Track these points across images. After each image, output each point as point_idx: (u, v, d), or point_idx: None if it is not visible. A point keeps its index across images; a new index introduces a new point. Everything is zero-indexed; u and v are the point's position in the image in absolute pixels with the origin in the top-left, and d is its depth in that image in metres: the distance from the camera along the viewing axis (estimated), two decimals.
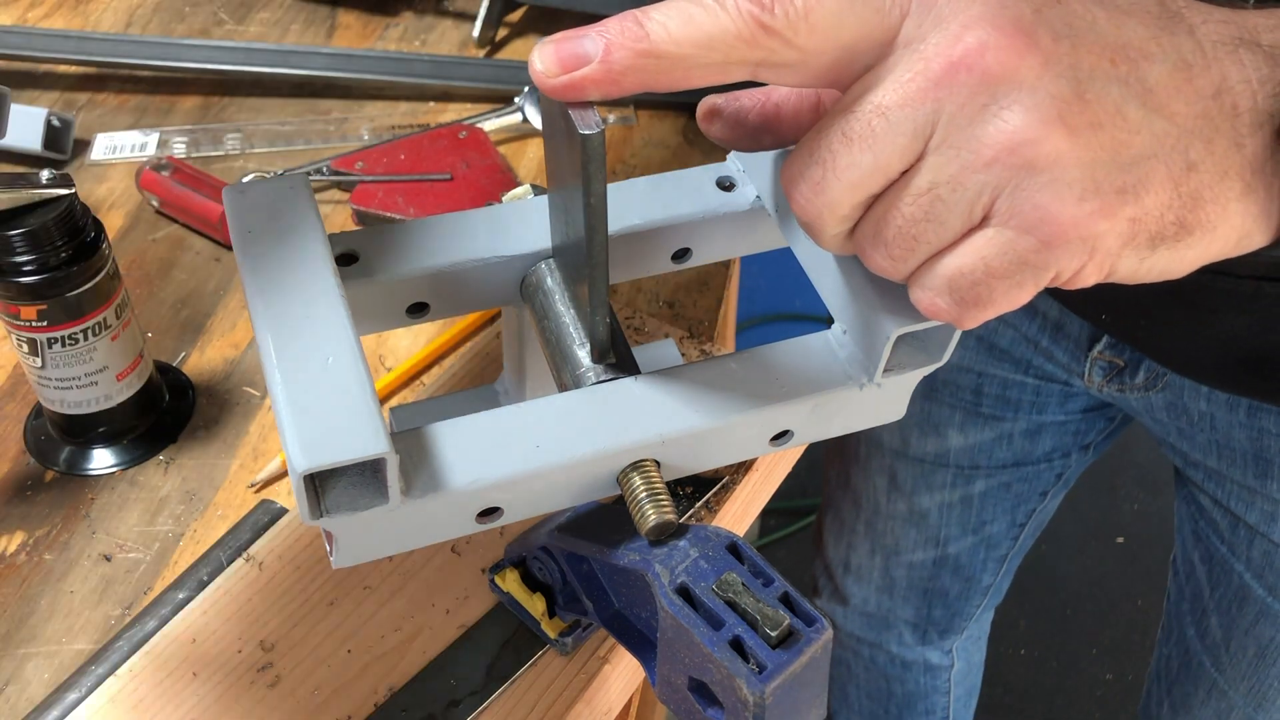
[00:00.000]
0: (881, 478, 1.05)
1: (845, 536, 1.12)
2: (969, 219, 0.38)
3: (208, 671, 0.56)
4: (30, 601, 0.62)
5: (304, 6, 1.07)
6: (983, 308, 0.39)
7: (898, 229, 0.39)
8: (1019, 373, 0.91)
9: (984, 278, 0.38)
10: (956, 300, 0.39)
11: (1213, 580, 0.88)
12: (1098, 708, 1.75)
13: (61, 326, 0.62)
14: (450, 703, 0.55)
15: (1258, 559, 0.82)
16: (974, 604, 1.14)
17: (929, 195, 0.38)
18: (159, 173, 0.84)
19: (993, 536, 1.06)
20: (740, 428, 0.46)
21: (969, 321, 0.40)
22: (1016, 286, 0.38)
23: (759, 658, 0.39)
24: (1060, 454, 0.99)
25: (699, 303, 0.81)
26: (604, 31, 0.38)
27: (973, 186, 0.37)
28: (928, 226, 0.38)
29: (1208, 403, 0.77)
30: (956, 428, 0.97)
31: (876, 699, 1.26)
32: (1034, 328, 0.86)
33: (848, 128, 0.38)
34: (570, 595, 0.53)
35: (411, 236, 0.49)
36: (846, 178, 0.38)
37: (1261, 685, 0.86)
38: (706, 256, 0.53)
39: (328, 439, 0.39)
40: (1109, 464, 2.04)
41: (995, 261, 0.38)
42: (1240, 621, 0.85)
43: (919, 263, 0.40)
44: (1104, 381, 0.83)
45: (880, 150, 0.37)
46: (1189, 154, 0.38)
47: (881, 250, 0.40)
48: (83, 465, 0.69)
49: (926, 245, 0.39)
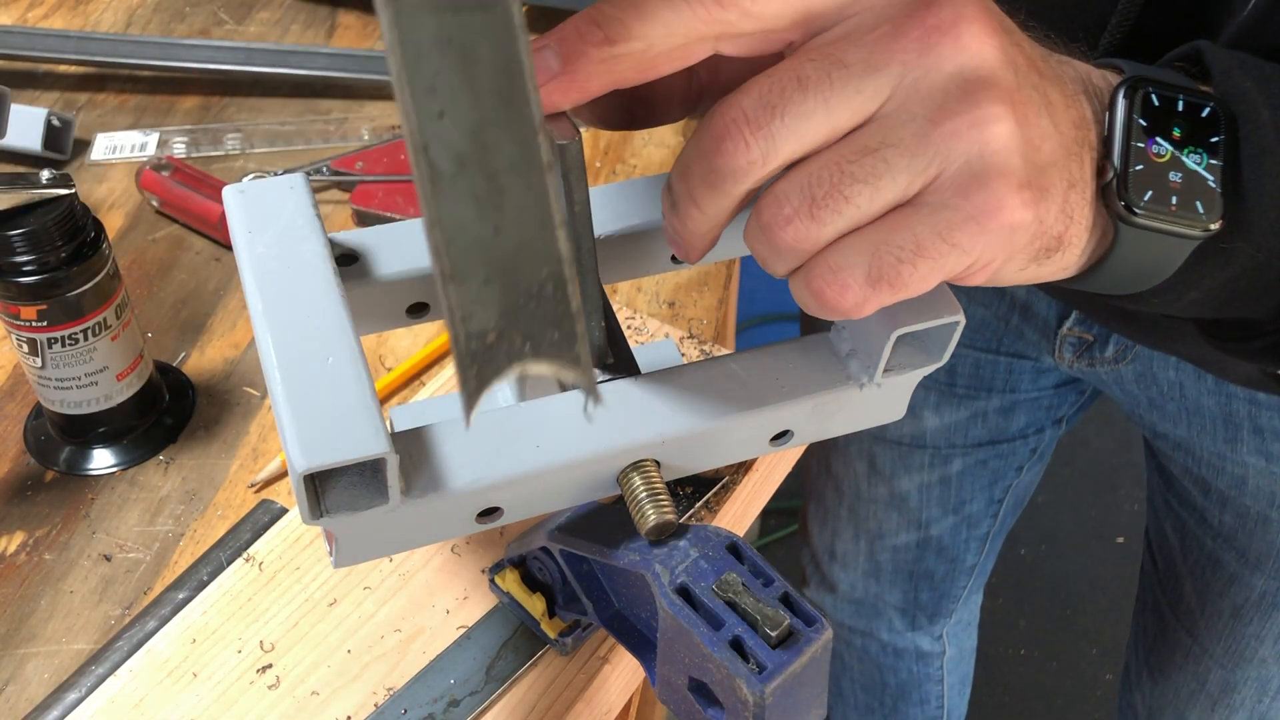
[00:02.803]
0: (861, 462, 1.06)
1: (830, 524, 1.13)
2: (904, 191, 0.37)
3: (208, 671, 0.56)
4: (30, 601, 0.62)
5: (304, 6, 1.07)
6: (894, 290, 0.37)
7: (832, 185, 0.36)
8: (991, 352, 0.92)
9: (911, 256, 0.37)
10: (871, 279, 0.37)
11: (1184, 548, 0.89)
12: (1098, 708, 1.75)
13: (61, 326, 0.62)
14: (450, 703, 0.55)
15: (1229, 523, 0.83)
16: (960, 585, 1.14)
17: (875, 156, 0.36)
18: (159, 173, 0.84)
19: (973, 515, 1.07)
20: (740, 428, 0.46)
21: (866, 305, 0.38)
22: (936, 270, 0.37)
23: (759, 658, 0.39)
24: (1034, 429, 1.00)
25: (699, 303, 0.81)
26: (561, 40, 0.36)
27: (924, 155, 0.36)
28: (863, 189, 0.36)
29: (1176, 371, 0.78)
30: (932, 408, 0.97)
31: (871, 691, 1.26)
32: (1004, 307, 0.87)
33: (804, 74, 0.36)
34: (570, 595, 0.53)
35: (411, 236, 0.49)
36: (794, 126, 0.36)
37: (1238, 645, 0.87)
38: (706, 256, 0.53)
39: (328, 439, 0.39)
40: (1109, 464, 2.04)
41: (927, 239, 0.37)
42: (1214, 585, 0.87)
43: (834, 234, 0.37)
44: (1074, 358, 0.84)
45: (835, 103, 0.36)
46: (1071, 172, 0.40)
47: (804, 211, 0.37)
48: (83, 465, 0.69)
49: (853, 211, 0.37)
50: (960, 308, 0.45)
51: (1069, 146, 0.40)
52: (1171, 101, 0.42)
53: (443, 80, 0.30)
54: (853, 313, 0.38)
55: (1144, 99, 0.41)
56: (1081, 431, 2.05)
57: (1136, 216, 0.41)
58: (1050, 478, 1.93)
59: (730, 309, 0.92)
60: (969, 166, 0.36)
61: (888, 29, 0.36)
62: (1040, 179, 0.38)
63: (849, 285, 0.37)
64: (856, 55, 0.36)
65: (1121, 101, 0.41)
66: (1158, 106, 0.41)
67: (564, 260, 0.33)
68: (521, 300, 0.33)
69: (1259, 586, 0.83)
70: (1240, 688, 0.89)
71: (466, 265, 0.32)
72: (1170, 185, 0.41)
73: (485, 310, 0.33)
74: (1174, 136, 0.42)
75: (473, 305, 0.33)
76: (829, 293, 0.38)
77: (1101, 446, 2.07)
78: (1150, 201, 0.41)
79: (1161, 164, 0.41)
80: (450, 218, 0.31)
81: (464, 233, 0.32)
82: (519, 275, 0.33)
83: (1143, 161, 0.41)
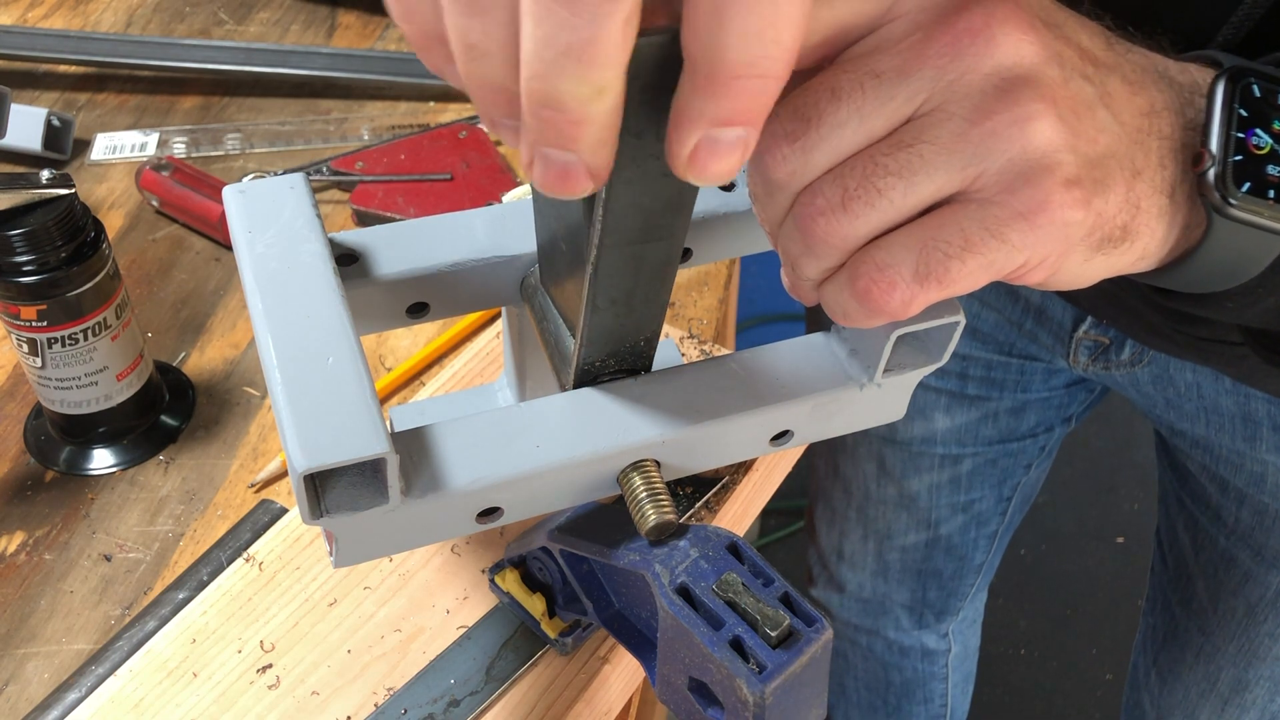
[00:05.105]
0: (870, 464, 1.06)
1: (838, 524, 1.13)
2: (941, 188, 0.37)
3: (208, 671, 0.56)
4: (30, 601, 0.62)
5: (304, 6, 1.07)
6: (942, 286, 0.37)
7: (864, 177, 0.36)
8: (1003, 354, 0.92)
9: (960, 251, 0.37)
10: (919, 275, 0.37)
11: (1197, 546, 0.89)
12: (1098, 708, 1.75)
13: (61, 326, 0.62)
14: (450, 703, 0.55)
15: (1246, 520, 0.82)
16: (967, 583, 1.14)
17: (910, 151, 0.36)
18: (159, 173, 0.84)
19: (982, 514, 1.07)
20: (740, 428, 0.46)
21: (913, 304, 0.38)
22: (985, 267, 0.37)
23: (759, 658, 0.39)
24: (1044, 428, 1.00)
25: (699, 303, 0.81)
26: None
27: (963, 153, 0.36)
28: (896, 183, 0.36)
29: (1194, 373, 0.78)
30: (943, 410, 0.97)
31: (874, 689, 1.26)
32: (1017, 311, 0.87)
33: (837, 85, 0.36)
34: (570, 595, 0.53)
35: (411, 236, 0.49)
36: (829, 136, 0.36)
37: (1251, 643, 0.87)
38: (706, 256, 0.53)
39: (328, 439, 0.39)
40: (1109, 464, 2.04)
41: (976, 235, 0.36)
42: (1227, 583, 0.86)
43: (868, 230, 0.37)
44: (1089, 361, 0.84)
45: (868, 111, 0.36)
46: (1135, 161, 0.39)
47: (836, 203, 0.37)
48: (83, 465, 0.69)
49: (886, 205, 0.36)
50: (961, 308, 0.44)
51: (1133, 136, 0.39)
52: (1273, 94, 0.41)
53: (618, 271, 0.41)
54: (899, 312, 0.38)
55: (1245, 89, 0.40)
56: (1081, 432, 2.05)
57: (1232, 207, 0.40)
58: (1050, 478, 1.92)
59: (730, 309, 0.92)
60: (1012, 164, 0.36)
61: (919, 36, 0.36)
62: (1095, 171, 0.37)
63: (896, 282, 0.37)
64: (889, 64, 0.36)
65: (1221, 91, 0.40)
66: (1259, 98, 0.41)
67: (658, 332, 0.46)
68: (624, 349, 0.46)
69: (1274, 584, 0.82)
70: (1253, 686, 0.89)
71: (595, 341, 0.44)
72: (1269, 178, 0.40)
73: (597, 354, 0.45)
74: (1274, 130, 0.41)
75: (590, 355, 0.45)
76: (876, 291, 0.37)
77: (1101, 446, 2.07)
78: (1248, 193, 0.40)
79: (1261, 156, 0.40)
80: (596, 323, 0.43)
81: (601, 328, 0.44)
82: (627, 340, 0.45)
83: (1242, 152, 0.40)
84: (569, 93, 0.30)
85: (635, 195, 0.37)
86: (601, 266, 0.40)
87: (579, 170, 0.32)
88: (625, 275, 0.41)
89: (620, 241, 0.39)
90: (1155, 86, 0.40)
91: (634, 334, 0.45)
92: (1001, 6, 0.36)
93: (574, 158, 0.31)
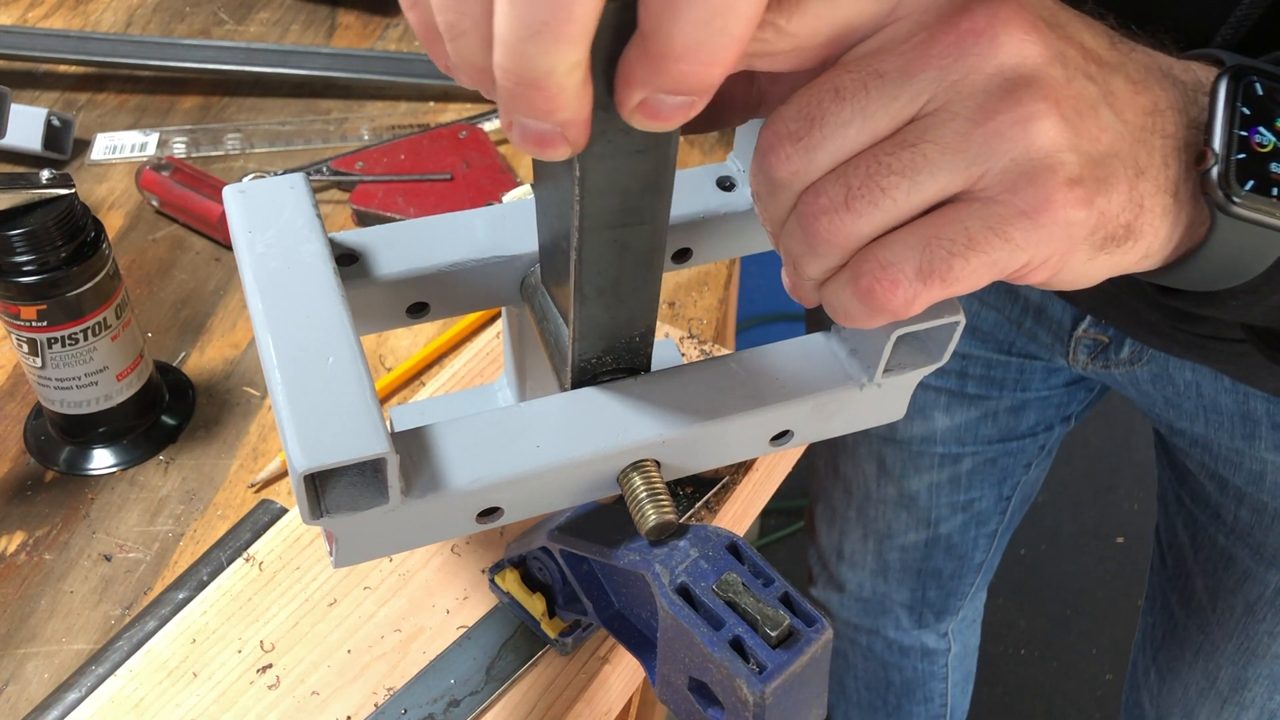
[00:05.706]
0: (870, 464, 1.06)
1: (837, 524, 1.13)
2: (944, 188, 0.37)
3: (208, 671, 0.56)
4: (30, 601, 0.62)
5: (304, 6, 1.07)
6: (945, 285, 0.37)
7: (867, 176, 0.36)
8: (1002, 353, 0.92)
9: (963, 249, 0.37)
10: (922, 274, 0.37)
11: (1196, 545, 0.89)
12: (1098, 708, 1.75)
13: (61, 326, 0.62)
14: (450, 703, 0.55)
15: (1245, 519, 0.82)
16: (967, 582, 1.14)
17: (913, 150, 0.36)
18: (159, 173, 0.84)
19: (982, 513, 1.07)
20: (740, 428, 0.46)
21: (916, 303, 0.38)
22: (989, 265, 0.37)
23: (759, 658, 0.39)
24: (1044, 427, 1.01)
25: (699, 302, 0.81)
26: None
27: (966, 153, 0.36)
28: (899, 182, 0.36)
29: (1194, 372, 0.78)
30: (943, 409, 0.98)
31: (874, 689, 1.26)
32: (1016, 309, 0.87)
33: (840, 85, 0.37)
34: (570, 595, 0.53)
35: (411, 236, 0.49)
36: (832, 135, 0.37)
37: (1250, 641, 0.87)
38: (706, 256, 0.53)
39: (328, 439, 0.39)
40: (1109, 464, 2.05)
41: (979, 233, 0.36)
42: (1226, 581, 0.86)
43: (871, 229, 0.37)
44: (1089, 359, 0.84)
45: (871, 110, 0.36)
46: (1138, 160, 0.39)
47: (839, 201, 0.37)
48: (83, 465, 0.69)
49: (889, 204, 0.37)
50: (961, 308, 0.44)
51: (1136, 135, 0.39)
52: (1276, 92, 0.41)
53: (602, 257, 0.41)
54: (901, 311, 0.38)
55: (1247, 87, 0.40)
56: (1081, 431, 2.05)
57: (1235, 205, 0.40)
58: (1050, 477, 1.92)
59: (730, 309, 0.92)
60: (1015, 164, 0.36)
61: (923, 37, 0.36)
62: (1098, 170, 0.37)
63: (899, 281, 0.37)
64: (892, 64, 0.36)
65: (1224, 88, 0.40)
66: (1262, 95, 0.41)
67: (653, 327, 0.46)
68: (619, 344, 0.46)
69: (1274, 582, 0.82)
70: (1252, 684, 0.89)
71: (587, 335, 0.45)
72: (1272, 176, 0.40)
73: (591, 349, 0.45)
74: (1277, 128, 0.41)
75: (585, 350, 0.45)
76: (878, 289, 0.37)
77: (1101, 446, 2.07)
78: (1251, 191, 0.40)
79: (1264, 153, 0.40)
80: (585, 315, 0.44)
81: (591, 320, 0.44)
82: (620, 335, 0.45)
83: (1245, 150, 0.40)
84: (539, 66, 0.30)
85: (610, 173, 0.38)
86: (585, 252, 0.40)
87: (556, 136, 0.33)
88: (610, 262, 0.41)
89: (600, 225, 0.40)
90: (1159, 85, 0.40)
91: (627, 328, 0.45)
92: (1005, 7, 0.36)
93: (549, 126, 0.32)
